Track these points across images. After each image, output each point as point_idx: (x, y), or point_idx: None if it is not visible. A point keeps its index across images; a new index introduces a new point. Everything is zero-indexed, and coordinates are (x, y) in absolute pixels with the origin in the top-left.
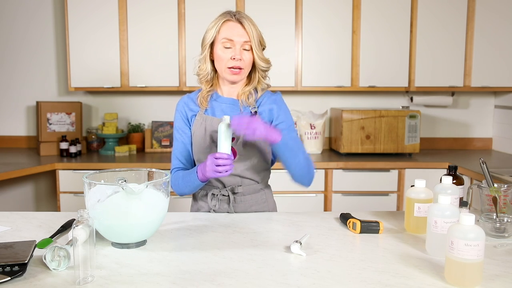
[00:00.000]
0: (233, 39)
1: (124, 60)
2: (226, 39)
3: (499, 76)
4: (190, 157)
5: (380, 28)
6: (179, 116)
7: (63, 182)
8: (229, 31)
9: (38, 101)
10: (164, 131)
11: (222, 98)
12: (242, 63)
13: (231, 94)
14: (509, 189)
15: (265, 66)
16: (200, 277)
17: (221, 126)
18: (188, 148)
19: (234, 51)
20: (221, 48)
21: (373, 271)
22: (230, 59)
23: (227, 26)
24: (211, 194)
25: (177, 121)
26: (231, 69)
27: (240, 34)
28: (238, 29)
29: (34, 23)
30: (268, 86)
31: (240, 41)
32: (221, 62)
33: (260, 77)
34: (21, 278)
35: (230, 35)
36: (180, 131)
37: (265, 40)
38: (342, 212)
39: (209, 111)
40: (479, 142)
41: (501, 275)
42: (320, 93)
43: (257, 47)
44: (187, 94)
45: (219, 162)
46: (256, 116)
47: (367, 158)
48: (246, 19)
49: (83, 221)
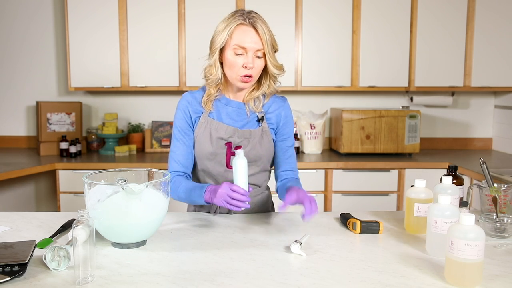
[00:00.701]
0: (245, 47)
1: (124, 60)
2: (238, 46)
3: (499, 76)
4: (191, 161)
5: (380, 28)
6: (181, 115)
7: (63, 182)
8: (242, 37)
9: (38, 101)
10: (164, 131)
11: (228, 101)
12: (254, 71)
13: (237, 97)
14: (509, 189)
15: (278, 73)
16: (200, 277)
17: (239, 161)
18: (190, 151)
19: (247, 59)
20: (232, 55)
21: (373, 271)
22: (242, 67)
23: (240, 31)
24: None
25: (179, 120)
26: (242, 77)
27: (254, 41)
28: (252, 35)
29: (34, 23)
30: (276, 91)
31: (254, 49)
32: (232, 69)
33: (271, 82)
34: (21, 278)
35: (243, 42)
36: (182, 132)
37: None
38: (342, 212)
39: (214, 114)
40: (479, 142)
41: (501, 275)
42: (320, 93)
43: (271, 53)
44: (189, 92)
45: (235, 196)
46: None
47: (367, 158)
48: (259, 22)
49: (83, 221)
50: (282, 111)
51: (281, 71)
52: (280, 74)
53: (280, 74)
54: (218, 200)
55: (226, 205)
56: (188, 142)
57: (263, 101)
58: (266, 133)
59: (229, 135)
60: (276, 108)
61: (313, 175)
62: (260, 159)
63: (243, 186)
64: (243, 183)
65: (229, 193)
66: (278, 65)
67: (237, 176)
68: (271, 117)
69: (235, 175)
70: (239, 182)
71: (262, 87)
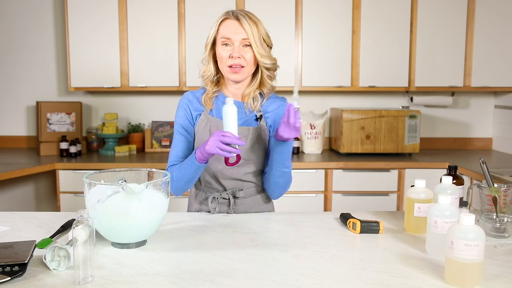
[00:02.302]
0: (230, 37)
1: (124, 60)
2: (224, 38)
3: (499, 76)
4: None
5: (380, 28)
6: (183, 113)
7: (63, 182)
8: (227, 29)
9: (38, 101)
10: (164, 131)
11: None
12: (243, 61)
13: (236, 95)
14: (509, 189)
15: (268, 63)
16: (200, 277)
17: (229, 109)
18: (190, 147)
19: (233, 49)
20: (220, 47)
21: (373, 271)
22: (229, 58)
23: (225, 25)
24: (211, 197)
25: (180, 118)
26: (230, 67)
27: (238, 31)
28: (236, 26)
29: (34, 23)
30: (273, 88)
31: (238, 39)
32: (221, 61)
33: (265, 77)
34: (21, 278)
35: (227, 34)
36: (183, 130)
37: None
38: (342, 212)
39: (214, 112)
40: (479, 142)
41: (501, 275)
42: (320, 93)
43: (257, 44)
44: (191, 91)
45: (227, 140)
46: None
47: (367, 158)
48: (244, 17)
49: (83, 221)
50: (280, 111)
51: (271, 61)
52: (271, 65)
53: (270, 64)
54: (210, 147)
55: (218, 151)
56: (189, 138)
57: (262, 101)
58: (264, 131)
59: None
60: (275, 107)
61: (313, 175)
62: (258, 157)
63: (234, 133)
64: (234, 130)
65: (221, 139)
66: (267, 55)
67: (227, 124)
68: (269, 116)
69: (225, 123)
70: (229, 129)
71: (255, 80)
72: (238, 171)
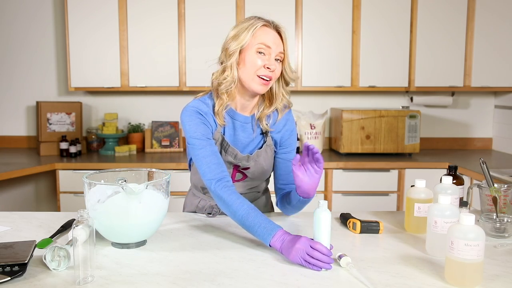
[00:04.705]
0: (271, 47)
1: (124, 60)
2: (263, 45)
3: (499, 76)
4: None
5: (380, 28)
6: (199, 122)
7: (63, 182)
8: (267, 37)
9: (38, 101)
10: (164, 131)
11: (236, 114)
12: (274, 74)
13: (244, 109)
14: (509, 189)
15: (293, 78)
16: (200, 277)
17: (323, 215)
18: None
19: (269, 60)
20: (253, 54)
21: (373, 271)
22: (263, 67)
23: (265, 32)
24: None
25: (198, 127)
26: (261, 78)
27: (278, 43)
28: (276, 37)
29: (34, 23)
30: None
31: (276, 51)
32: (251, 68)
33: (284, 93)
34: (21, 278)
35: (268, 41)
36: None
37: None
38: (342, 212)
39: (226, 131)
40: (479, 142)
41: (501, 275)
42: (320, 93)
43: (288, 60)
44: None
45: (316, 255)
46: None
47: (367, 158)
48: (283, 31)
49: (83, 221)
50: (288, 126)
51: (295, 77)
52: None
53: (294, 80)
54: (293, 255)
55: (303, 263)
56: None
57: (275, 118)
58: (269, 147)
59: (238, 160)
60: (284, 123)
61: None
62: (265, 174)
63: (326, 243)
64: (326, 240)
65: (309, 251)
66: (293, 71)
67: (320, 232)
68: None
69: (317, 230)
70: (322, 238)
71: (275, 100)
72: (243, 186)
